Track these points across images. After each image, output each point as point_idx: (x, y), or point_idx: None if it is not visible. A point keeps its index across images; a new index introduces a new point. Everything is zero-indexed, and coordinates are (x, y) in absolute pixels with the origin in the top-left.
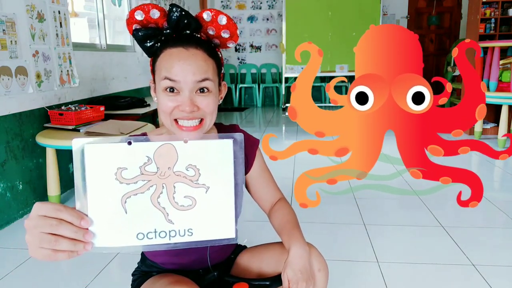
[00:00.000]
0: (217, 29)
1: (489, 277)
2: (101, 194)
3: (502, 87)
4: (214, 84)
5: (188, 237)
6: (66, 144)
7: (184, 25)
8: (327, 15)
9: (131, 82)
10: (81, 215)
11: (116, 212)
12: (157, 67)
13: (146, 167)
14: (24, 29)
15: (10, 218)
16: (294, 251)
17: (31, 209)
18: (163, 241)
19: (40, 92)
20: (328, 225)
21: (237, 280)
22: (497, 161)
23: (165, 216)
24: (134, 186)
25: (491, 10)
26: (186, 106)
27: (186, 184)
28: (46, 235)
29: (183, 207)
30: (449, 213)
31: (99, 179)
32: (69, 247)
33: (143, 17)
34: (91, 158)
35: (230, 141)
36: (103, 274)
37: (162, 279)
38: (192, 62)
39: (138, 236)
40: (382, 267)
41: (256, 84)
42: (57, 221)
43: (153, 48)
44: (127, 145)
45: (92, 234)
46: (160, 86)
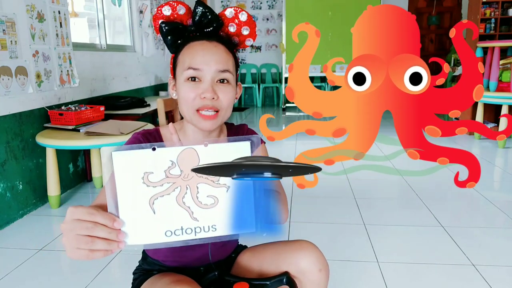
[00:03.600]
0: (238, 26)
1: (489, 277)
2: (130, 197)
3: (502, 87)
4: (233, 78)
5: (212, 232)
6: (66, 144)
7: (207, 22)
8: (327, 15)
9: (131, 82)
10: (113, 217)
11: (145, 213)
12: (179, 61)
13: (171, 171)
14: (24, 29)
15: (10, 218)
16: None
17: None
18: (189, 237)
19: (40, 92)
20: (328, 225)
21: (237, 279)
22: (497, 161)
23: (190, 215)
24: (161, 188)
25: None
26: (208, 92)
27: (208, 184)
28: (83, 237)
29: (207, 206)
30: (449, 213)
31: (127, 183)
32: (104, 246)
33: (170, 12)
34: (119, 164)
35: (248, 143)
36: (104, 273)
37: (163, 278)
38: (215, 52)
39: (166, 233)
40: (382, 267)
41: (256, 84)
42: (92, 223)
43: (176, 43)
44: (151, 151)
45: (124, 234)
46: (183, 76)
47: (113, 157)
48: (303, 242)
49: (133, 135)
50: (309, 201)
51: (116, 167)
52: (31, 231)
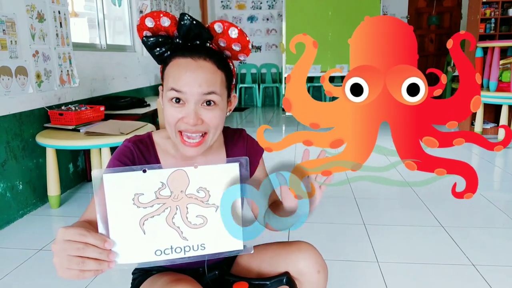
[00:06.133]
0: (228, 42)
1: (489, 277)
2: (121, 218)
3: (502, 87)
4: (222, 98)
5: (201, 251)
6: (66, 144)
7: (194, 35)
8: (327, 15)
9: (131, 82)
10: (104, 238)
11: (135, 233)
12: (165, 76)
13: (161, 192)
14: (24, 29)
15: (10, 218)
16: None
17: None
18: (178, 255)
19: (40, 92)
20: (328, 225)
21: (237, 279)
22: (497, 161)
23: (179, 234)
24: (151, 209)
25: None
26: (190, 118)
27: (198, 204)
28: (74, 257)
29: (196, 225)
30: (449, 213)
31: (118, 204)
32: (95, 267)
33: (153, 24)
34: (110, 186)
35: (237, 164)
36: (103, 274)
37: (162, 277)
38: (199, 74)
39: (156, 252)
40: (382, 267)
41: (256, 84)
42: (83, 244)
43: (163, 56)
44: (142, 173)
45: (115, 254)
46: (167, 96)
47: (104, 179)
48: (301, 243)
49: (123, 143)
50: None
51: (107, 188)
52: (31, 231)
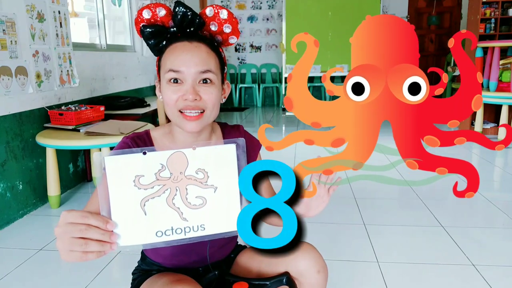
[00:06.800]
0: (219, 24)
1: (489, 277)
2: (122, 200)
3: (502, 87)
4: (217, 78)
5: (201, 231)
6: (66, 144)
7: (188, 22)
8: (327, 15)
9: (131, 82)
10: (106, 219)
11: (136, 214)
12: (162, 63)
13: (161, 173)
14: (24, 29)
15: (10, 218)
16: None
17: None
18: (179, 236)
19: (40, 92)
20: (328, 225)
21: (237, 279)
22: (497, 161)
23: (179, 215)
24: (151, 190)
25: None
26: (189, 94)
27: (197, 186)
28: (77, 239)
29: (195, 206)
30: (449, 213)
31: (119, 186)
32: (97, 248)
33: (150, 15)
34: (111, 168)
35: (233, 145)
36: (104, 273)
37: (162, 278)
38: (195, 53)
39: (157, 233)
40: (382, 267)
41: (256, 84)
42: (85, 226)
43: (159, 46)
44: (142, 155)
45: (117, 235)
46: (165, 79)
47: (106, 161)
48: (302, 243)
49: (122, 139)
50: None
51: (109, 171)
52: (31, 231)
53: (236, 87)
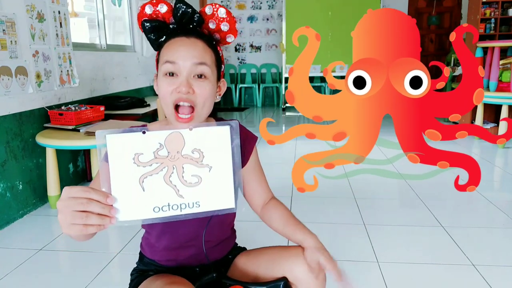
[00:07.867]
0: (217, 22)
1: (489, 277)
2: (122, 176)
3: (502, 87)
4: (212, 73)
5: (196, 208)
6: (66, 144)
7: (188, 19)
8: (327, 15)
9: (131, 82)
10: (106, 194)
11: (135, 190)
12: (160, 57)
13: (159, 152)
14: (24, 29)
15: (10, 218)
16: (314, 240)
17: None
18: (175, 212)
19: (40, 92)
20: (328, 225)
21: (234, 282)
22: (497, 161)
23: (176, 192)
24: (149, 168)
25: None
26: (183, 86)
27: (193, 165)
28: (78, 212)
29: (191, 184)
30: (449, 213)
31: (119, 163)
32: (98, 221)
33: (151, 11)
34: (113, 146)
35: (227, 127)
36: (104, 273)
37: (158, 279)
38: (191, 47)
39: (154, 209)
40: (382, 267)
41: (256, 84)
42: (86, 200)
43: (159, 41)
44: (142, 134)
45: (116, 210)
46: (161, 71)
47: (107, 139)
48: (300, 249)
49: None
50: (309, 201)
51: (110, 148)
52: (31, 231)
53: (236, 87)
